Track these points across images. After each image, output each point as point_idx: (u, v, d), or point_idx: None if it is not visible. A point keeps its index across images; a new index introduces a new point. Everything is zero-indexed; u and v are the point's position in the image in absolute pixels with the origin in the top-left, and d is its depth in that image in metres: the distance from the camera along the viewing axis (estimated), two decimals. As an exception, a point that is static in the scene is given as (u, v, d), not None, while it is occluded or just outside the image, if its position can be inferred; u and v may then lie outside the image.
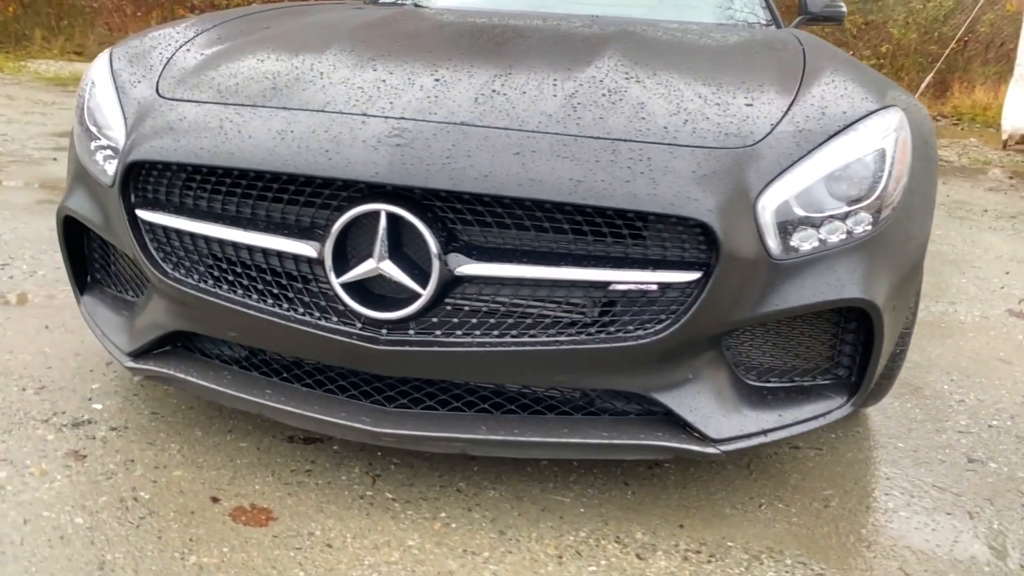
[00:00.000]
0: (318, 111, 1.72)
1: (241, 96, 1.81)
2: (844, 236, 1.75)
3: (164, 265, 1.80)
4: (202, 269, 1.79)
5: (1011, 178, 6.80)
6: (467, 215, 1.61)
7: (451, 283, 1.61)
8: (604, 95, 1.80)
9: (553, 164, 1.58)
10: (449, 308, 1.65)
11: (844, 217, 1.75)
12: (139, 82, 1.99)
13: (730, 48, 2.38)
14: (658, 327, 1.63)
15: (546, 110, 1.72)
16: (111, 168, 1.94)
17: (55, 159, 5.09)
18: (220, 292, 1.76)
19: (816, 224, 1.73)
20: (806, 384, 1.89)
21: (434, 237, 1.57)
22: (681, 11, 3.42)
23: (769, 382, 1.86)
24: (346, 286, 1.63)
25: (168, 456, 1.95)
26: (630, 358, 1.65)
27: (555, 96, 1.78)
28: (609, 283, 1.61)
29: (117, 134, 1.93)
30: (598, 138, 1.65)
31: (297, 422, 1.77)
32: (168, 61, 2.06)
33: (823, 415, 1.84)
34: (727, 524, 1.86)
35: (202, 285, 1.78)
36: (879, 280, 1.80)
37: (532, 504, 1.87)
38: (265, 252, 1.72)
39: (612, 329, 1.64)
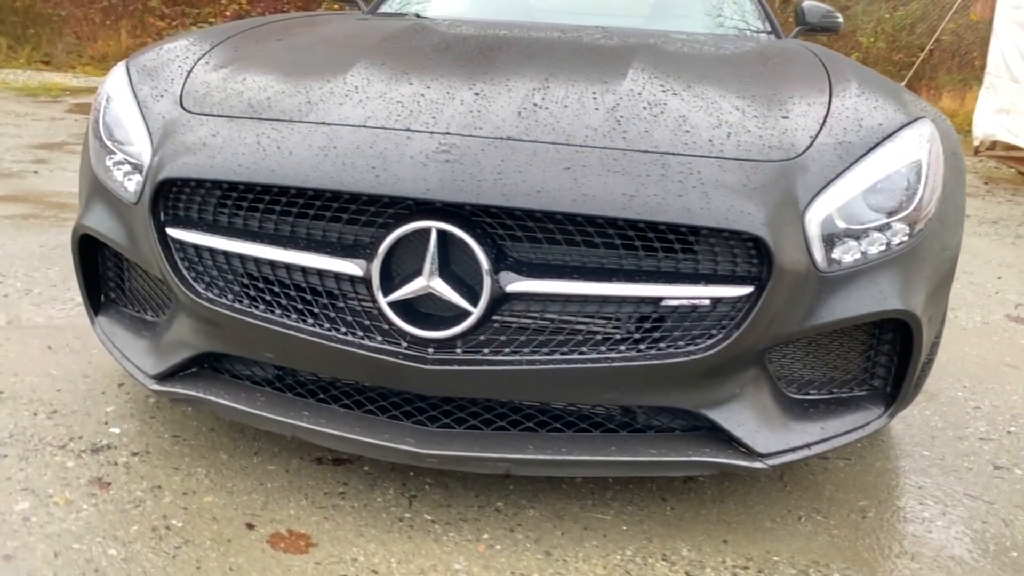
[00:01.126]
0: (360, 126, 1.68)
1: (276, 111, 1.76)
2: (883, 248, 1.75)
3: (196, 285, 1.75)
4: (237, 288, 1.73)
5: (986, 183, 6.94)
6: (516, 231, 1.58)
7: (501, 300, 1.58)
8: (645, 108, 1.78)
9: (605, 179, 1.56)
10: (497, 325, 1.62)
11: (883, 229, 1.75)
12: (161, 96, 1.94)
13: (750, 59, 2.38)
14: (709, 342, 1.61)
15: (591, 124, 1.70)
16: (133, 185, 1.88)
17: (35, 172, 4.97)
18: (257, 312, 1.71)
19: (857, 236, 1.72)
20: (844, 396, 1.89)
21: (485, 254, 1.54)
22: (683, 21, 3.44)
23: (809, 394, 1.86)
24: (392, 304, 1.60)
25: (196, 481, 1.89)
26: (680, 374, 1.63)
27: (597, 110, 1.76)
28: (661, 298, 1.59)
29: (139, 149, 1.87)
30: (646, 152, 1.64)
31: (336, 444, 1.72)
32: (188, 74, 2.01)
33: (863, 426, 1.84)
34: (770, 538, 1.84)
35: (237, 305, 1.72)
36: (917, 290, 1.80)
37: (574, 523, 1.85)
38: (306, 270, 1.67)
39: (663, 345, 1.62)
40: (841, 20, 3.79)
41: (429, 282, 1.56)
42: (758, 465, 1.71)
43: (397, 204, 1.59)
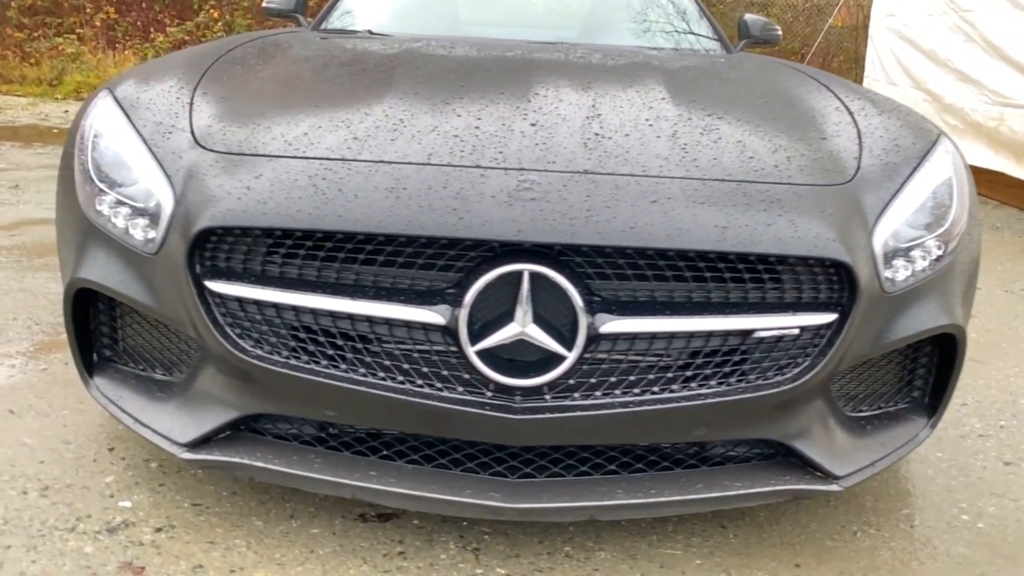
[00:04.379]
0: (424, 164, 1.57)
1: (321, 148, 1.62)
2: (927, 265, 1.78)
3: (242, 342, 1.58)
4: (292, 344, 1.58)
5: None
6: (605, 269, 1.51)
7: (594, 342, 1.51)
8: (702, 134, 1.76)
9: (694, 211, 1.52)
10: (586, 368, 1.55)
11: (925, 246, 1.79)
12: (169, 133, 1.75)
13: (746, 79, 2.40)
14: (796, 371, 1.60)
15: (659, 153, 1.66)
16: (140, 232, 1.70)
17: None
18: (317, 368, 1.57)
19: (906, 255, 1.75)
20: (891, 410, 1.93)
21: (580, 295, 1.47)
22: (622, 35, 3.42)
23: (862, 411, 1.88)
24: (479, 353, 1.50)
25: (239, 556, 1.72)
26: (769, 405, 1.61)
27: (659, 137, 1.71)
28: (751, 330, 1.57)
29: (148, 192, 1.69)
30: (724, 180, 1.61)
31: (409, 504, 1.61)
32: (191, 107, 1.83)
33: (913, 439, 1.88)
34: (836, 557, 1.85)
35: (292, 362, 1.58)
36: (958, 303, 1.86)
37: (648, 562, 1.79)
38: (375, 321, 1.54)
39: (752, 377, 1.59)
40: (780, 32, 3.91)
41: (524, 328, 1.47)
42: (834, 488, 1.71)
43: (479, 247, 1.49)
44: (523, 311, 1.47)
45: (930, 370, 1.93)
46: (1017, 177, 6.21)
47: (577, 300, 1.46)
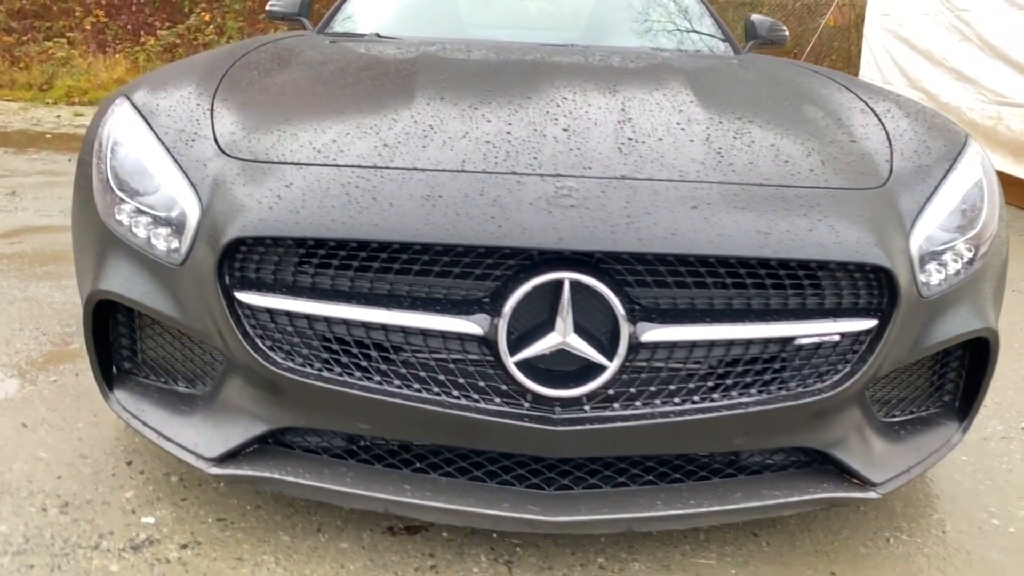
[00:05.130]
0: (458, 171, 1.54)
1: (351, 156, 1.59)
2: (960, 268, 1.77)
3: (273, 354, 1.55)
4: (325, 356, 1.55)
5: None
6: (646, 276, 1.49)
7: (635, 351, 1.48)
8: (735, 137, 1.73)
9: (735, 217, 1.50)
10: (625, 378, 1.52)
11: (958, 250, 1.77)
12: (192, 140, 1.71)
13: (766, 80, 2.38)
14: (836, 378, 1.58)
15: (695, 157, 1.63)
16: (161, 242, 1.67)
17: (-82, 215, 4.41)
18: (350, 380, 1.53)
19: (939, 259, 1.73)
20: (924, 415, 1.91)
21: (621, 304, 1.44)
22: (626, 37, 3.40)
23: (894, 417, 1.86)
24: (518, 364, 1.47)
25: (268, 572, 1.68)
26: (809, 413, 1.59)
27: (692, 141, 1.69)
28: (792, 337, 1.54)
29: (171, 201, 1.65)
30: (762, 185, 1.58)
31: (448, 518, 1.58)
32: (212, 114, 1.80)
33: (946, 444, 1.86)
34: (871, 564, 1.83)
35: (325, 374, 1.54)
36: (990, 305, 1.84)
37: (683, 572, 1.76)
38: (410, 331, 1.51)
39: (792, 385, 1.57)
40: (787, 32, 3.90)
41: (565, 338, 1.44)
42: (871, 495, 1.69)
43: (517, 255, 1.46)
44: (564, 320, 1.44)
45: (960, 374, 1.91)
46: (1015, 176, 6.22)
47: (619, 308, 1.44)
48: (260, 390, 1.62)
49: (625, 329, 1.44)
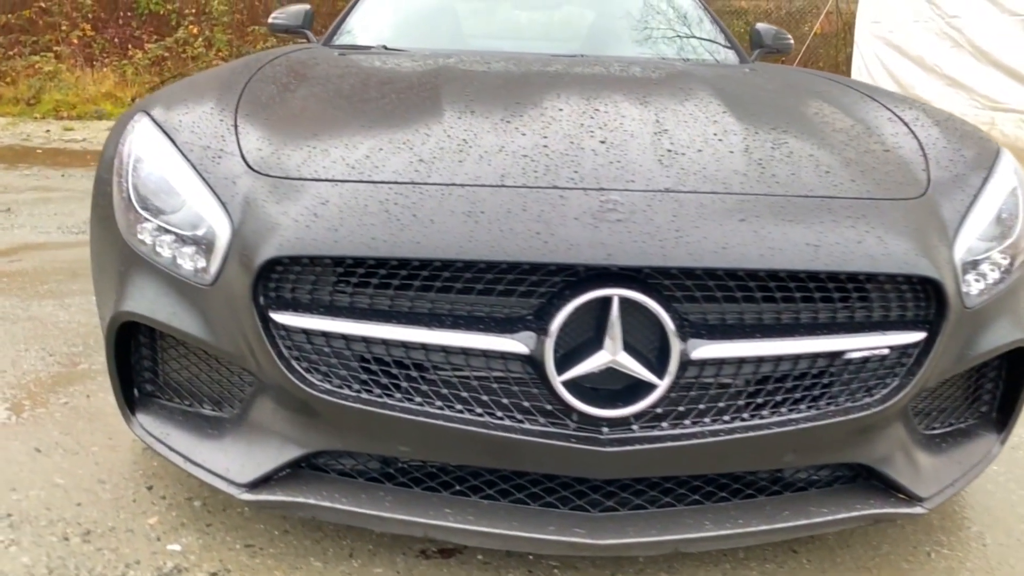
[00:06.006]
0: (499, 186, 1.50)
1: (387, 172, 1.55)
2: (997, 277, 1.74)
3: (310, 376, 1.50)
4: (364, 377, 1.50)
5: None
6: (694, 292, 1.45)
7: (686, 369, 1.45)
8: (773, 148, 1.71)
9: (784, 229, 1.47)
10: (673, 396, 1.48)
11: (996, 259, 1.75)
12: (219, 157, 1.67)
13: (787, 89, 2.36)
14: (885, 392, 1.55)
15: (736, 168, 1.60)
16: (187, 261, 1.62)
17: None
18: (391, 402, 1.49)
19: (977, 268, 1.71)
20: (962, 426, 1.88)
21: (672, 320, 1.41)
22: (653, 47, 3.40)
23: (934, 429, 1.83)
24: (565, 383, 1.43)
25: (303, 600, 1.63)
26: (858, 428, 1.56)
27: (731, 152, 1.66)
28: (843, 352, 1.51)
29: (198, 219, 1.60)
30: (807, 196, 1.55)
31: (491, 543, 1.53)
32: (236, 130, 1.75)
33: (987, 455, 1.83)
34: (915, 581, 1.80)
35: (364, 395, 1.50)
36: (1027, 315, 1.82)
37: (726, 591, 1.73)
38: (451, 351, 1.47)
39: (841, 400, 1.54)
40: (792, 41, 3.89)
41: (615, 356, 1.40)
42: (919, 510, 1.66)
43: (563, 271, 1.43)
44: (613, 338, 1.40)
45: (997, 384, 1.89)
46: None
47: (669, 325, 1.40)
48: (294, 412, 1.58)
49: (676, 346, 1.41)
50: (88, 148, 7.50)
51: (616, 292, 1.39)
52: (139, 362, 1.81)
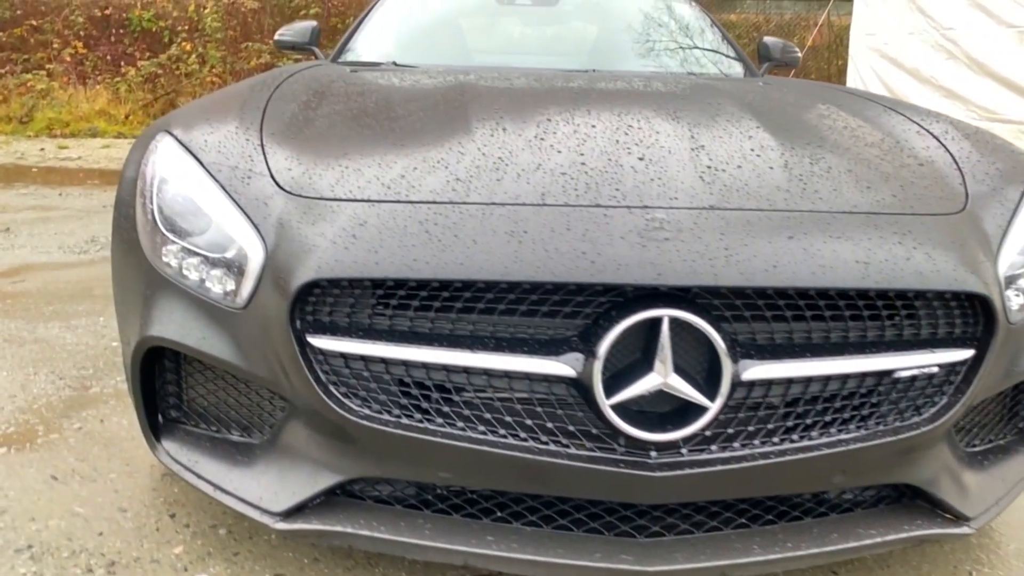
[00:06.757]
0: (540, 205, 1.47)
1: (424, 192, 1.52)
2: None
3: (348, 401, 1.46)
4: (403, 402, 1.47)
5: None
6: (743, 311, 1.42)
7: (736, 390, 1.42)
8: (811, 163, 1.68)
9: (833, 247, 1.44)
10: (722, 418, 1.45)
11: None
12: (248, 177, 1.63)
13: (810, 103, 2.34)
14: (933, 411, 1.52)
15: (778, 184, 1.58)
16: (216, 284, 1.58)
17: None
18: (432, 427, 1.45)
19: (1017, 283, 1.69)
20: (1002, 443, 1.85)
21: (724, 341, 1.37)
22: (656, 60, 3.37)
23: (975, 446, 1.80)
24: (614, 406, 1.39)
25: (339, 631, 1.59)
26: (906, 448, 1.53)
27: (771, 168, 1.64)
28: (892, 370, 1.48)
29: (228, 241, 1.57)
30: (852, 212, 1.53)
31: (535, 571, 1.48)
32: (263, 150, 1.72)
33: (1028, 471, 1.81)
34: (959, 601, 1.77)
35: (404, 420, 1.46)
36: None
37: (770, 616, 1.69)
38: (493, 374, 1.43)
39: (889, 420, 1.51)
40: (800, 54, 3.89)
41: (666, 379, 1.37)
42: (965, 530, 1.63)
43: (609, 292, 1.39)
44: (663, 360, 1.37)
45: (1034, 399, 1.86)
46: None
47: (720, 345, 1.37)
48: (329, 438, 1.54)
49: (728, 367, 1.38)
50: (84, 166, 7.45)
51: (667, 312, 1.36)
52: (163, 387, 1.77)
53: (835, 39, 12.53)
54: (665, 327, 1.36)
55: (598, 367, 1.37)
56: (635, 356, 1.41)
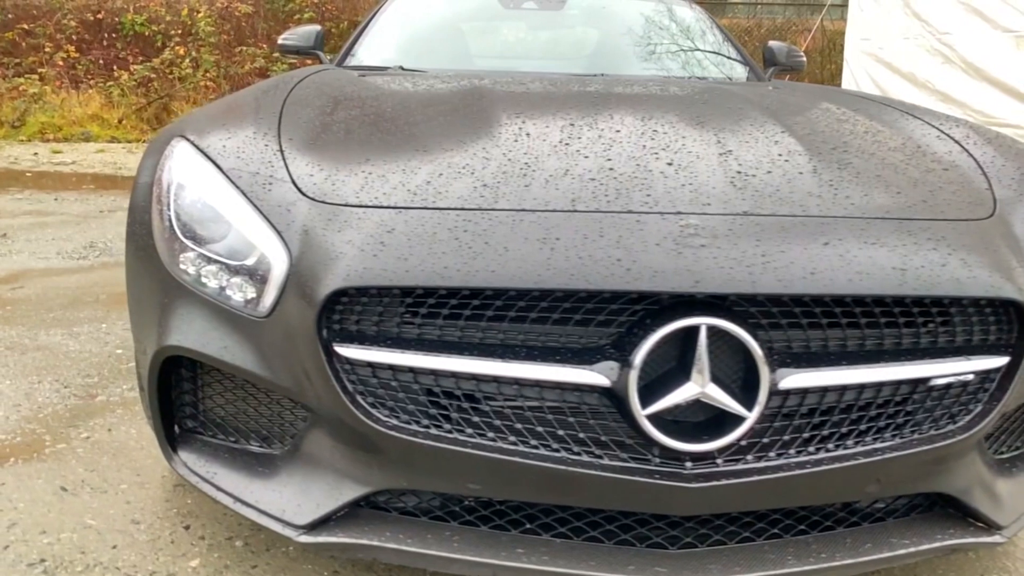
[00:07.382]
0: (571, 211, 1.45)
1: (452, 198, 1.49)
2: None
3: (376, 411, 1.43)
4: (432, 412, 1.44)
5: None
6: (779, 319, 1.40)
7: (775, 399, 1.39)
8: (840, 169, 1.67)
9: (868, 252, 1.42)
10: (758, 427, 1.42)
11: None
12: (269, 184, 1.60)
13: (827, 108, 2.33)
14: (968, 419, 1.50)
15: (810, 190, 1.56)
16: (237, 292, 1.55)
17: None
18: (462, 438, 1.42)
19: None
20: (1029, 450, 1.84)
21: (762, 350, 1.35)
22: (675, 65, 3.37)
23: (1002, 454, 1.79)
24: (649, 417, 1.37)
25: (364, 647, 1.56)
26: (940, 456, 1.51)
27: (801, 173, 1.62)
28: (928, 378, 1.46)
29: (249, 248, 1.54)
30: (885, 218, 1.51)
31: (566, 584, 1.46)
32: (283, 155, 1.69)
33: (1057, 479, 1.79)
34: (988, 611, 1.75)
35: (433, 431, 1.43)
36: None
37: (800, 627, 1.66)
38: (524, 384, 1.40)
39: (924, 428, 1.49)
40: (804, 58, 3.89)
41: (704, 388, 1.34)
42: (997, 539, 1.61)
43: (644, 299, 1.37)
44: (700, 369, 1.34)
45: (1059, 406, 1.85)
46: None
47: (758, 354, 1.35)
48: (354, 448, 1.51)
49: (765, 376, 1.35)
50: (78, 171, 7.38)
51: (704, 321, 1.33)
52: (180, 397, 1.73)
53: (828, 44, 12.58)
54: (702, 336, 1.33)
55: (634, 376, 1.34)
56: (670, 365, 1.38)
